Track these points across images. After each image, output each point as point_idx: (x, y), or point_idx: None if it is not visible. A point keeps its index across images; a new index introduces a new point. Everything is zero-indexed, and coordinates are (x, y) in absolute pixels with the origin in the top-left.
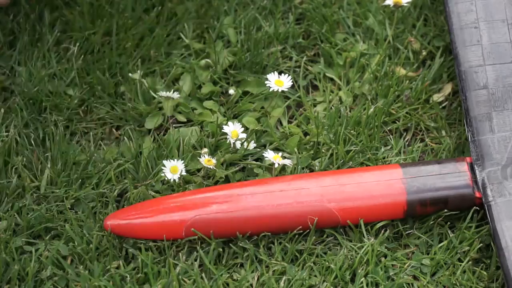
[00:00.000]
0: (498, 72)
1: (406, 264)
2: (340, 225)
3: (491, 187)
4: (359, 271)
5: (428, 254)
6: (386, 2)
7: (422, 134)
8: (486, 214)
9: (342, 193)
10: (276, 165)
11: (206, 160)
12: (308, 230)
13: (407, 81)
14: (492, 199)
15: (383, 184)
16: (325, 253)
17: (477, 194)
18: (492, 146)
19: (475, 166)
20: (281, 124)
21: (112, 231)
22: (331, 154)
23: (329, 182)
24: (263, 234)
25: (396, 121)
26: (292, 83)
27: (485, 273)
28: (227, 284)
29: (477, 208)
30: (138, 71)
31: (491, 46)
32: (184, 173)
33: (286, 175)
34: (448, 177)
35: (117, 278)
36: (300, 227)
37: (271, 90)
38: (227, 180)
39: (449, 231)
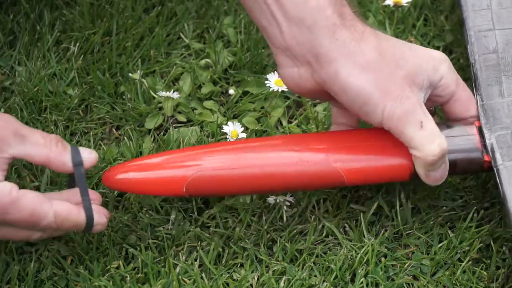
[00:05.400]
0: (508, 37)
1: (406, 264)
2: (345, 185)
3: (500, 151)
4: (359, 271)
5: (428, 254)
6: (386, 2)
7: None
8: (496, 178)
9: (348, 153)
10: None
11: None
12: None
13: None
14: (502, 163)
15: (390, 145)
16: (325, 253)
17: (486, 158)
18: (501, 110)
19: (484, 130)
20: (281, 124)
21: (111, 186)
22: None
23: (336, 142)
24: (263, 232)
25: None
26: None
27: (485, 273)
28: (227, 284)
29: (487, 172)
30: (138, 71)
31: (501, 11)
32: None
33: (292, 134)
34: (457, 140)
35: (117, 278)
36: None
37: (271, 90)
38: None
39: (449, 231)
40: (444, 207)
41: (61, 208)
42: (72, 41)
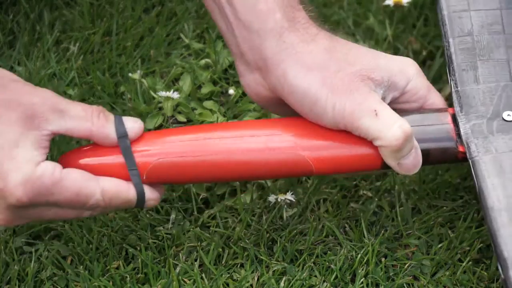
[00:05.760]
0: (484, 19)
1: (406, 265)
2: (313, 175)
3: (475, 141)
4: (359, 271)
5: (428, 254)
6: (387, 2)
7: None
8: (470, 169)
9: (317, 141)
10: None
11: None
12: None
13: None
14: (477, 155)
15: None
16: (325, 253)
17: (461, 148)
18: (477, 97)
19: (459, 118)
20: None
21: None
22: None
23: (304, 129)
24: (262, 232)
25: None
26: None
27: (485, 273)
28: (227, 284)
29: (461, 162)
30: (138, 71)
31: None
32: None
33: (260, 119)
34: (429, 129)
35: (117, 278)
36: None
37: None
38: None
39: (449, 231)
40: (444, 207)
41: (109, 185)
42: (72, 41)
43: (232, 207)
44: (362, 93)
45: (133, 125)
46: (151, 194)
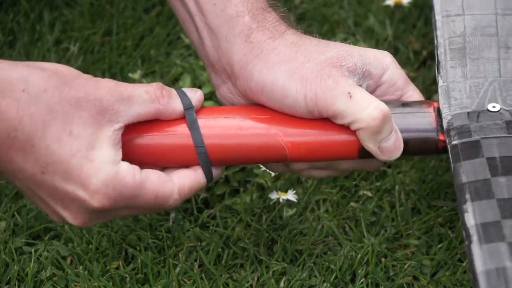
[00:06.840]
0: (477, 22)
1: (406, 265)
2: (288, 161)
3: (457, 128)
4: (359, 271)
5: (428, 254)
6: (387, 2)
7: None
8: (449, 157)
9: (293, 125)
10: None
11: None
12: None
13: None
14: (456, 140)
15: None
16: (325, 253)
17: (441, 137)
18: (463, 90)
19: (442, 110)
20: None
21: None
22: None
23: (279, 113)
24: (262, 232)
25: None
26: None
27: None
28: (227, 285)
29: (441, 154)
30: (138, 71)
31: None
32: None
33: (234, 106)
34: (410, 117)
35: (117, 278)
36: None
37: None
38: (227, 180)
39: (449, 231)
40: (444, 207)
41: (184, 182)
42: (72, 41)
43: (232, 207)
44: (333, 78)
45: (194, 95)
46: (215, 171)
